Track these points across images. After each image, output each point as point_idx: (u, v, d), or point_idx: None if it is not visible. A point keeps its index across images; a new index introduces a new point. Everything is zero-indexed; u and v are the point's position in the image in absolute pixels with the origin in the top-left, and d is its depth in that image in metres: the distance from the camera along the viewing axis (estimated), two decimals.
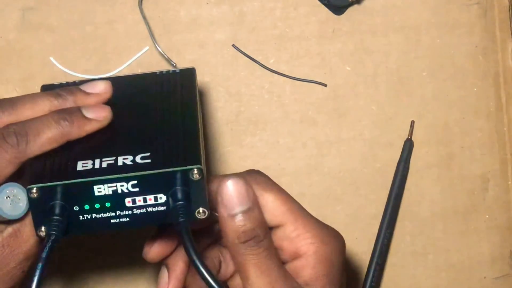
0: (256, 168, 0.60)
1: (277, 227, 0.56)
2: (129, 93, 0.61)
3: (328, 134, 0.75)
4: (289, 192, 0.63)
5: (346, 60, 0.75)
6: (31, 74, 0.74)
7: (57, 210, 0.53)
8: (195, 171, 0.53)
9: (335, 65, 0.75)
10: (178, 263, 0.57)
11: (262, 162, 0.74)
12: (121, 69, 0.74)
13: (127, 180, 0.53)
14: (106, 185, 0.54)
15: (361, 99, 0.75)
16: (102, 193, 0.54)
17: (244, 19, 0.75)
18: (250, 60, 0.75)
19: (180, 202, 0.54)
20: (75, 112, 0.56)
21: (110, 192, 0.54)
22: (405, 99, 0.75)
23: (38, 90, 0.73)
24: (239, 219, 0.53)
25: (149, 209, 0.54)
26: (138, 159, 0.55)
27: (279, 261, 0.55)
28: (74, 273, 0.75)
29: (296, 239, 0.56)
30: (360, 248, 0.75)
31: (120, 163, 0.54)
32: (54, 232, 0.53)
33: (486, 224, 0.76)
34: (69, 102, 0.57)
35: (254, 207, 0.54)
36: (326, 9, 0.75)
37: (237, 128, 0.75)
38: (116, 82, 0.60)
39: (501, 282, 0.77)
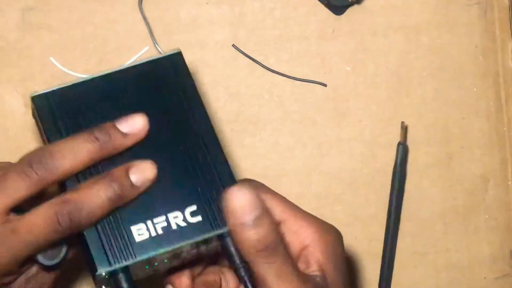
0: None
1: (279, 223, 0.56)
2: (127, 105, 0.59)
3: (328, 134, 0.75)
4: (289, 192, 0.63)
5: (346, 60, 0.75)
6: (31, 74, 0.74)
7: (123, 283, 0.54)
8: None
9: (335, 65, 0.75)
10: (183, 279, 0.57)
11: (262, 162, 0.75)
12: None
13: (186, 246, 0.55)
14: (166, 254, 0.55)
15: (361, 99, 0.75)
16: (163, 259, 0.55)
17: (244, 19, 0.75)
18: (250, 60, 0.75)
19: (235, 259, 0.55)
20: (124, 181, 0.55)
21: (170, 255, 0.55)
22: (405, 99, 0.75)
23: (38, 90, 0.73)
24: (251, 227, 0.52)
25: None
26: (188, 215, 0.55)
27: (296, 265, 0.55)
28: None
29: (300, 231, 0.56)
30: (360, 248, 0.75)
31: (173, 226, 0.55)
32: None
33: (486, 224, 0.76)
34: (107, 147, 0.55)
35: (264, 213, 0.53)
36: (326, 9, 0.75)
37: (237, 128, 0.75)
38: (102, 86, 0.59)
39: (501, 282, 0.77)
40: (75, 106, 0.58)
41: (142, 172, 0.55)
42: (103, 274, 0.53)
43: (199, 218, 0.55)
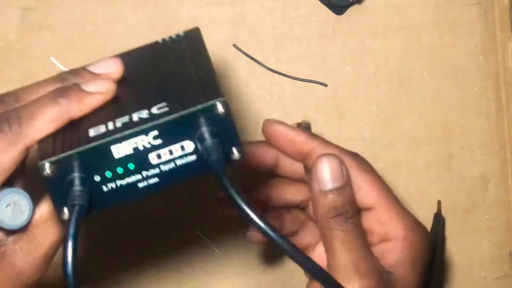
0: None
1: (370, 209, 0.57)
2: (135, 62, 0.56)
3: (328, 134, 0.75)
4: None
5: (346, 60, 0.75)
6: (31, 74, 0.74)
7: (76, 182, 0.48)
8: (219, 105, 0.48)
9: (335, 65, 0.75)
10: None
11: None
12: None
13: (146, 132, 0.48)
14: (124, 143, 0.48)
15: (361, 99, 0.75)
16: (122, 154, 0.48)
17: (244, 19, 0.75)
18: (250, 60, 0.75)
19: (208, 142, 0.48)
20: (73, 87, 0.51)
21: (131, 151, 0.48)
22: (405, 99, 0.75)
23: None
24: (332, 195, 0.55)
25: (178, 161, 0.49)
26: (154, 110, 0.49)
27: (366, 241, 0.56)
28: None
29: (388, 223, 0.57)
30: None
31: (135, 119, 0.49)
32: (78, 203, 0.47)
33: (486, 224, 0.76)
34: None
35: (346, 186, 0.55)
36: (326, 9, 0.75)
37: (237, 128, 0.75)
38: (120, 56, 0.55)
39: (501, 282, 0.77)
40: None
41: (96, 82, 0.52)
42: (46, 166, 0.47)
43: (165, 109, 0.49)
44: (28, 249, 0.51)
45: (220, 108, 0.48)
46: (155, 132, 0.48)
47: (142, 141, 0.48)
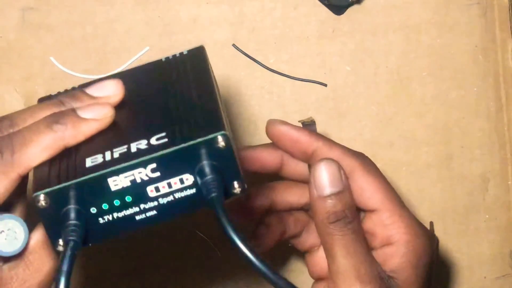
0: None
1: (373, 211, 0.57)
2: (135, 84, 0.54)
3: (328, 134, 0.75)
4: None
5: (346, 60, 0.75)
6: (31, 74, 0.74)
7: (72, 215, 0.46)
8: (220, 139, 0.47)
9: (335, 65, 0.75)
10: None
11: None
12: (121, 69, 0.74)
13: (144, 164, 0.46)
14: (122, 176, 0.46)
15: (361, 99, 0.75)
16: (119, 186, 0.47)
17: (244, 19, 0.75)
18: (250, 60, 0.75)
19: (208, 177, 0.47)
20: (69, 113, 0.50)
21: (128, 183, 0.47)
22: (405, 99, 0.75)
23: (38, 90, 0.73)
24: (330, 200, 0.55)
25: (177, 195, 0.48)
26: (153, 141, 0.48)
27: (367, 246, 0.56)
28: None
29: (390, 226, 0.56)
30: None
31: (133, 149, 0.47)
32: (72, 238, 0.46)
33: (486, 224, 0.76)
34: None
35: (345, 190, 0.55)
36: (326, 9, 0.75)
37: (237, 128, 0.75)
38: (121, 77, 0.53)
39: (501, 282, 0.77)
40: None
41: (92, 108, 0.50)
42: (41, 198, 0.46)
43: (164, 140, 0.47)
44: (24, 276, 0.49)
45: (221, 142, 0.47)
46: (154, 165, 0.47)
47: (140, 173, 0.47)
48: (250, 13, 0.75)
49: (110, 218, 0.47)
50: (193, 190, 0.47)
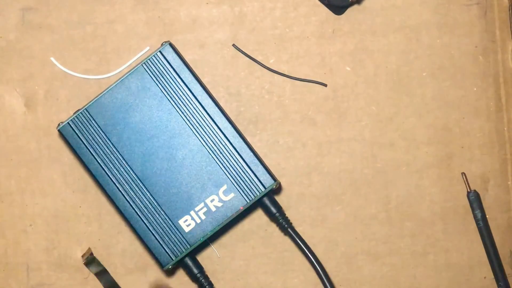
0: None
1: None
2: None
3: (328, 134, 0.75)
4: (289, 192, 0.63)
5: (346, 60, 0.75)
6: (31, 74, 0.74)
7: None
8: (275, 185, 0.70)
9: (335, 65, 0.75)
10: None
11: None
12: (121, 69, 0.74)
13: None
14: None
15: (361, 99, 0.75)
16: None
17: (244, 19, 0.75)
18: (250, 60, 0.75)
19: (277, 214, 0.70)
20: None
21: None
22: (405, 99, 0.75)
23: (38, 90, 0.74)
24: None
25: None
26: (221, 195, 0.69)
27: None
28: None
29: None
30: (360, 248, 0.75)
31: (212, 208, 0.69)
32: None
33: None
34: None
35: None
36: (326, 9, 0.75)
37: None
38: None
39: None
40: (96, 124, 0.68)
41: None
42: (170, 267, 0.69)
43: (232, 195, 0.69)
44: None
45: (276, 185, 0.70)
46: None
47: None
48: (250, 13, 0.75)
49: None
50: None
